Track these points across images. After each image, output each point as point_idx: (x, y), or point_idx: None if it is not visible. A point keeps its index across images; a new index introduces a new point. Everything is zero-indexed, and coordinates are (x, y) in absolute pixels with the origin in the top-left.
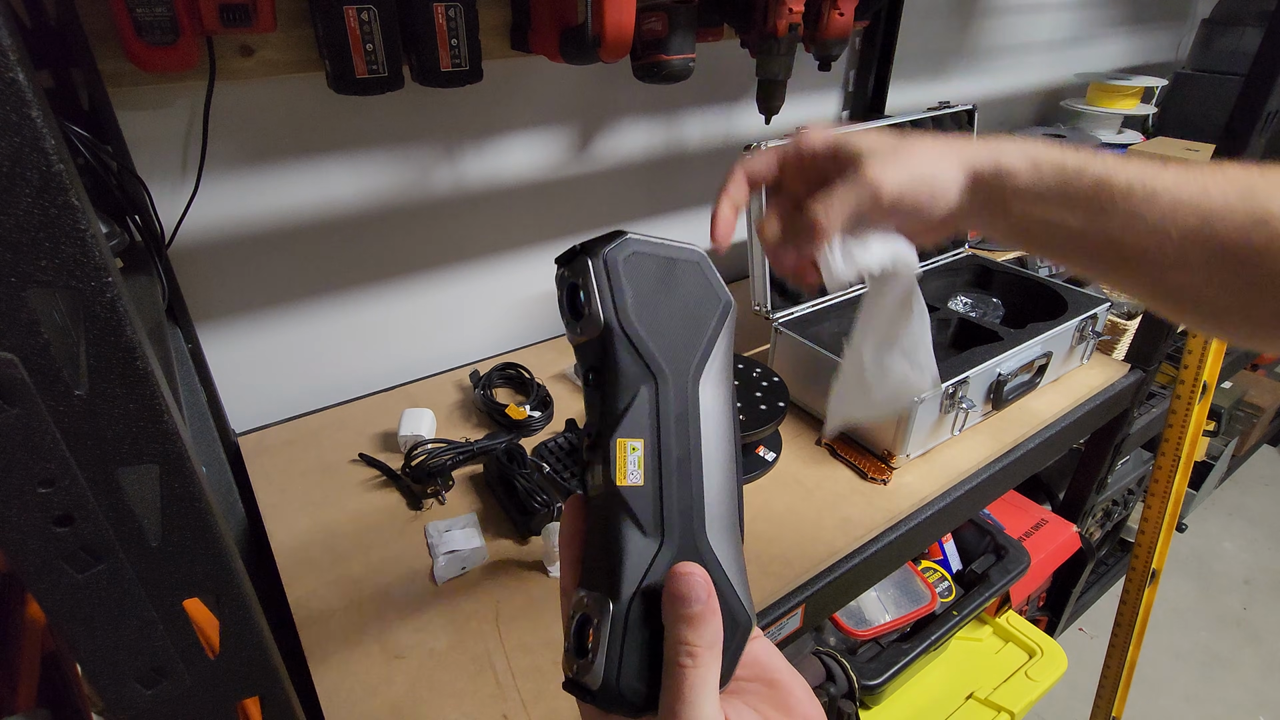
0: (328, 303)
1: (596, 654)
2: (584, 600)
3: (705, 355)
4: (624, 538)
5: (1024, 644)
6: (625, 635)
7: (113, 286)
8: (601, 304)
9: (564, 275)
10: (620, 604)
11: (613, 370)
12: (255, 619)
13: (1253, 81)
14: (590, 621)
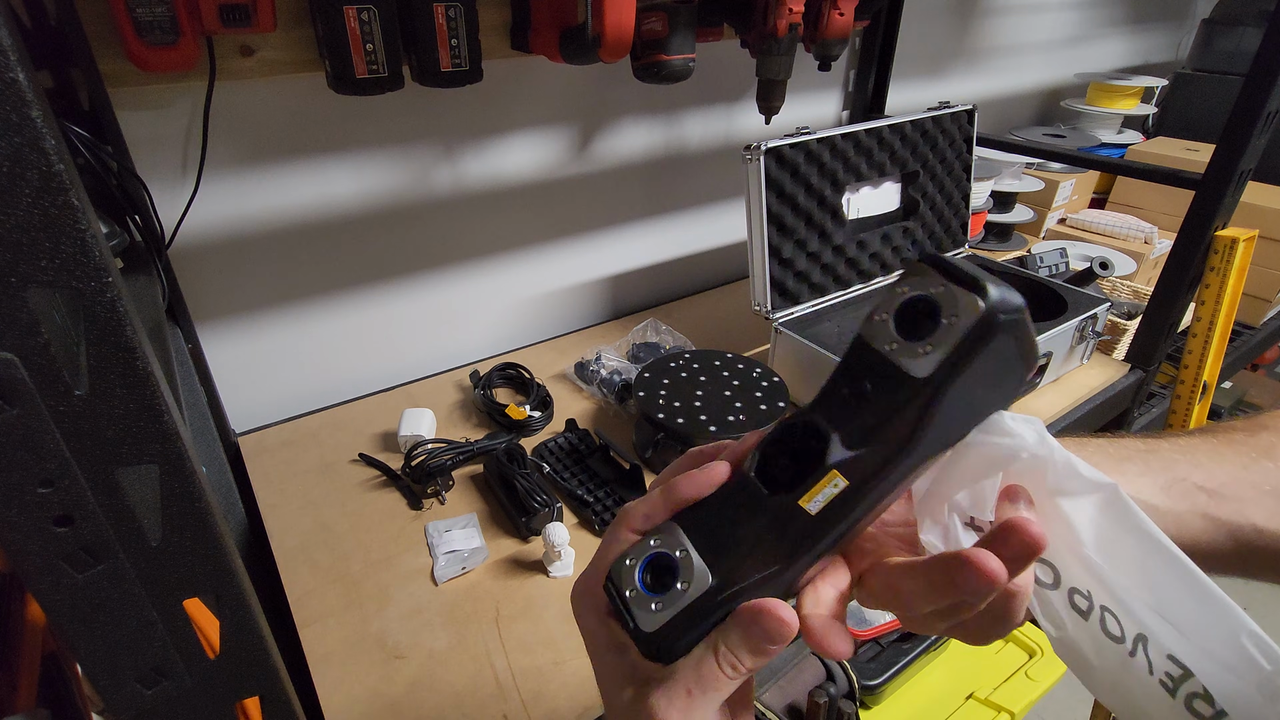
0: (328, 303)
1: (666, 606)
2: (686, 553)
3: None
4: (763, 544)
5: (1024, 644)
6: (694, 610)
7: (113, 286)
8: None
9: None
10: (714, 588)
11: (930, 418)
12: (255, 619)
13: (1253, 81)
14: (675, 573)
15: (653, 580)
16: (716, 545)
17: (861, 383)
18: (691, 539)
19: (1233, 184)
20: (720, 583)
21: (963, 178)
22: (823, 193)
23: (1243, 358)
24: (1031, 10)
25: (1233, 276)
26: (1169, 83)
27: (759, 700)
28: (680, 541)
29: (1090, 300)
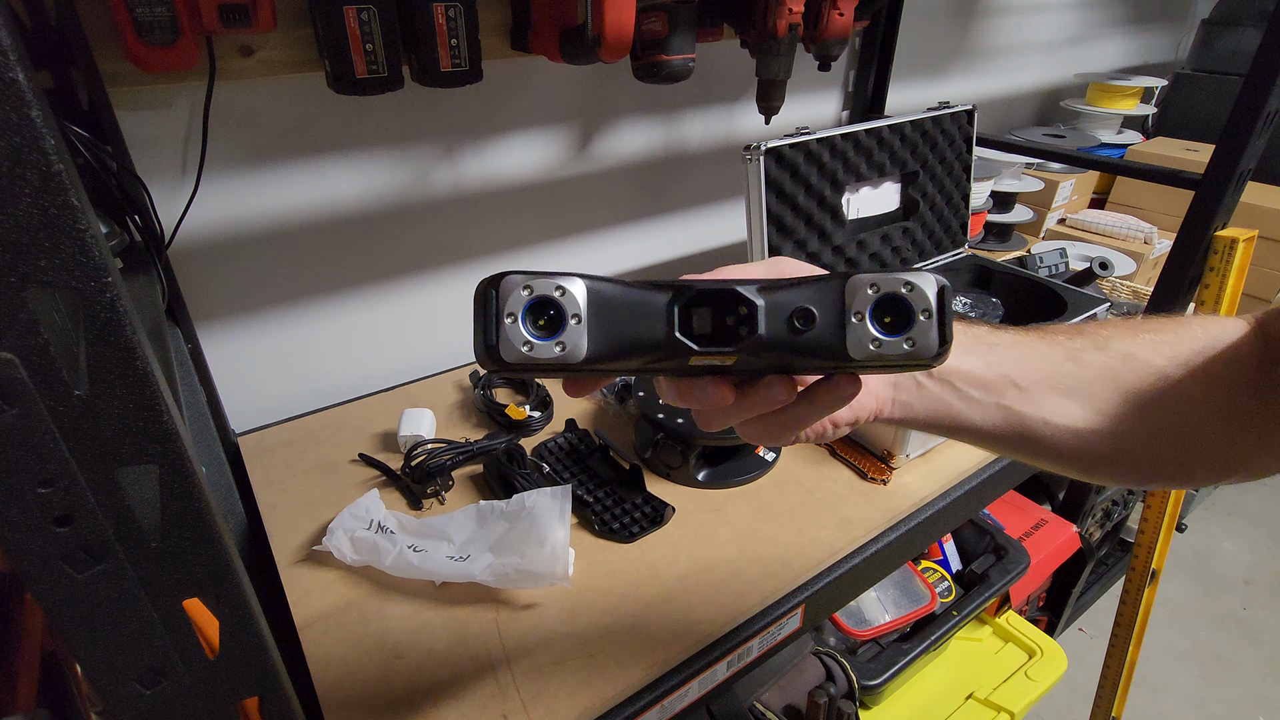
0: (328, 303)
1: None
2: (579, 320)
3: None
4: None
5: (1024, 644)
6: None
7: (112, 286)
8: (559, 278)
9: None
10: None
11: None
12: (255, 619)
13: (1253, 81)
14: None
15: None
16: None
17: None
18: (590, 311)
19: (1232, 184)
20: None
21: (962, 178)
22: (822, 193)
23: None
24: (1031, 10)
25: (1232, 276)
26: (1169, 83)
27: (759, 700)
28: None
29: (1090, 300)
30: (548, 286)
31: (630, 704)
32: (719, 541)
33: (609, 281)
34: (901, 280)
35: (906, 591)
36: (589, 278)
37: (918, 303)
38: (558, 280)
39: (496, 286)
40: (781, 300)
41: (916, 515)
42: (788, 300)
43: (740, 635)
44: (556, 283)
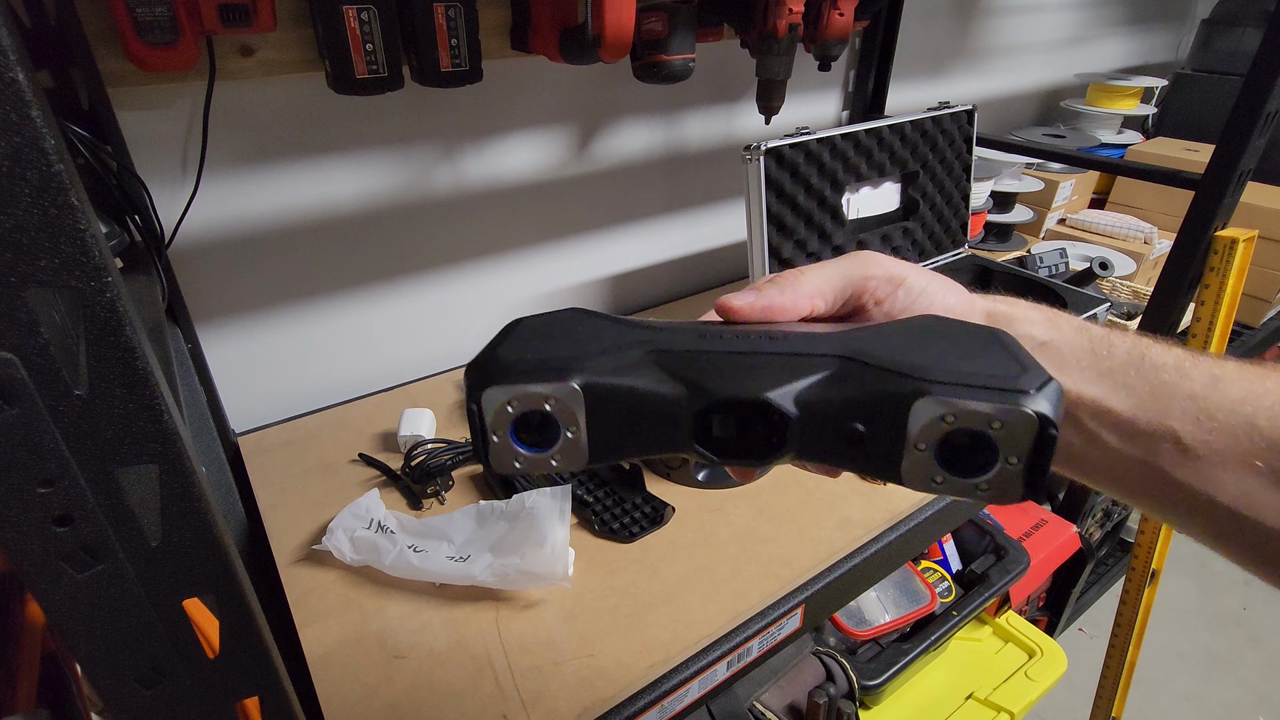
0: (328, 303)
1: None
2: (921, 444)
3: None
4: (843, 400)
5: (1024, 644)
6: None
7: (112, 286)
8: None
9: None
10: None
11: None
12: (255, 619)
13: (1253, 81)
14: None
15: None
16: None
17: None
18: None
19: (1232, 184)
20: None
21: (962, 178)
22: (822, 193)
23: (1242, 358)
24: (1031, 10)
25: (1232, 277)
26: (1169, 83)
27: (759, 700)
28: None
29: (1090, 300)
30: (535, 399)
31: (630, 704)
32: (719, 541)
33: (615, 373)
34: (989, 414)
35: (906, 591)
36: (589, 371)
37: (1006, 446)
38: (549, 389)
39: (479, 399)
40: (823, 412)
41: (916, 515)
42: (832, 413)
43: (740, 635)
44: (546, 392)
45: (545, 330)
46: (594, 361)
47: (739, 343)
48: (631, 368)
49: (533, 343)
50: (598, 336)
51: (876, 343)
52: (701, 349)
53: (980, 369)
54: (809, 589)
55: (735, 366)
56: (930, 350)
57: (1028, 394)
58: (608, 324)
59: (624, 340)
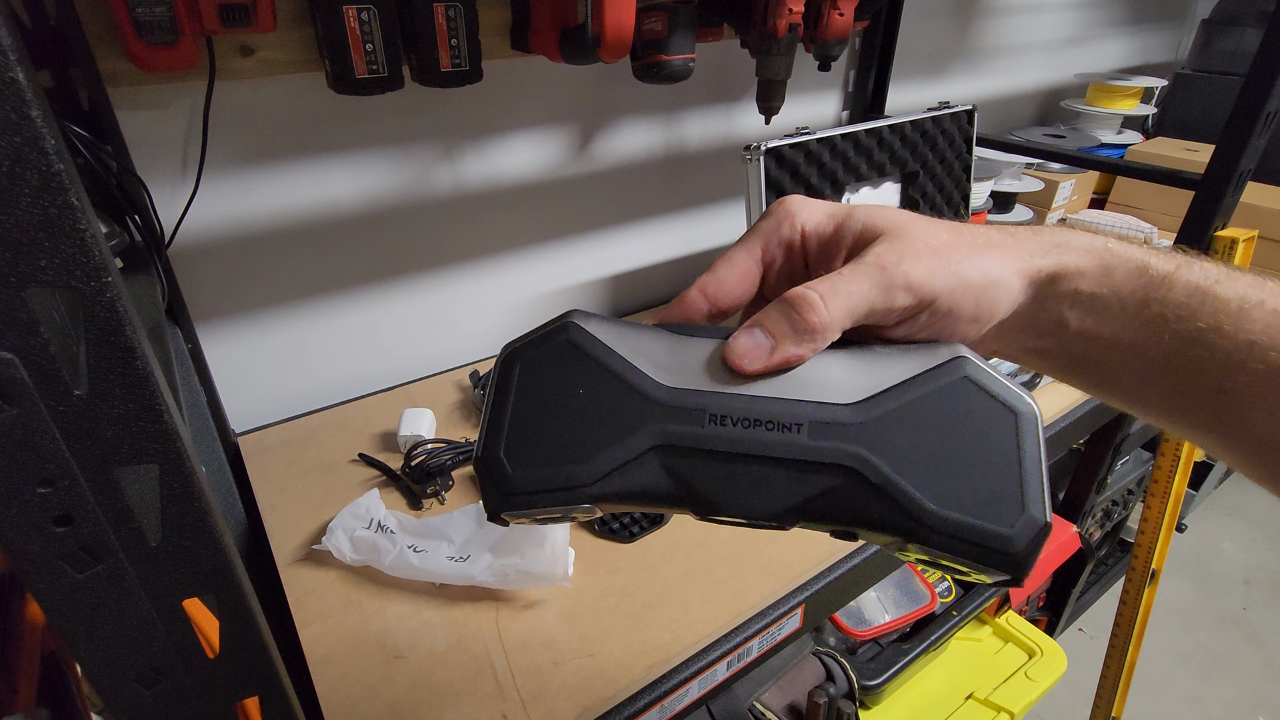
0: (327, 303)
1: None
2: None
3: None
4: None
5: (1024, 644)
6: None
7: (113, 286)
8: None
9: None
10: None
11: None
12: (255, 619)
13: (1253, 81)
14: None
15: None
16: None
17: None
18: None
19: (1232, 184)
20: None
21: (963, 178)
22: (822, 193)
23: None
24: (1031, 10)
25: None
26: (1169, 83)
27: (759, 700)
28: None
29: None
30: (551, 515)
31: (630, 704)
32: (719, 541)
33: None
34: (965, 569)
35: (906, 591)
36: (598, 485)
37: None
38: (562, 510)
39: (498, 515)
40: (824, 514)
41: None
42: (832, 516)
43: (740, 635)
44: (561, 512)
45: (544, 396)
46: (601, 467)
47: (748, 436)
48: (638, 469)
49: (535, 431)
50: (601, 412)
51: (888, 447)
52: (707, 447)
53: (977, 511)
54: (809, 589)
55: (742, 478)
56: (941, 471)
57: (1005, 555)
58: (606, 380)
59: (629, 421)
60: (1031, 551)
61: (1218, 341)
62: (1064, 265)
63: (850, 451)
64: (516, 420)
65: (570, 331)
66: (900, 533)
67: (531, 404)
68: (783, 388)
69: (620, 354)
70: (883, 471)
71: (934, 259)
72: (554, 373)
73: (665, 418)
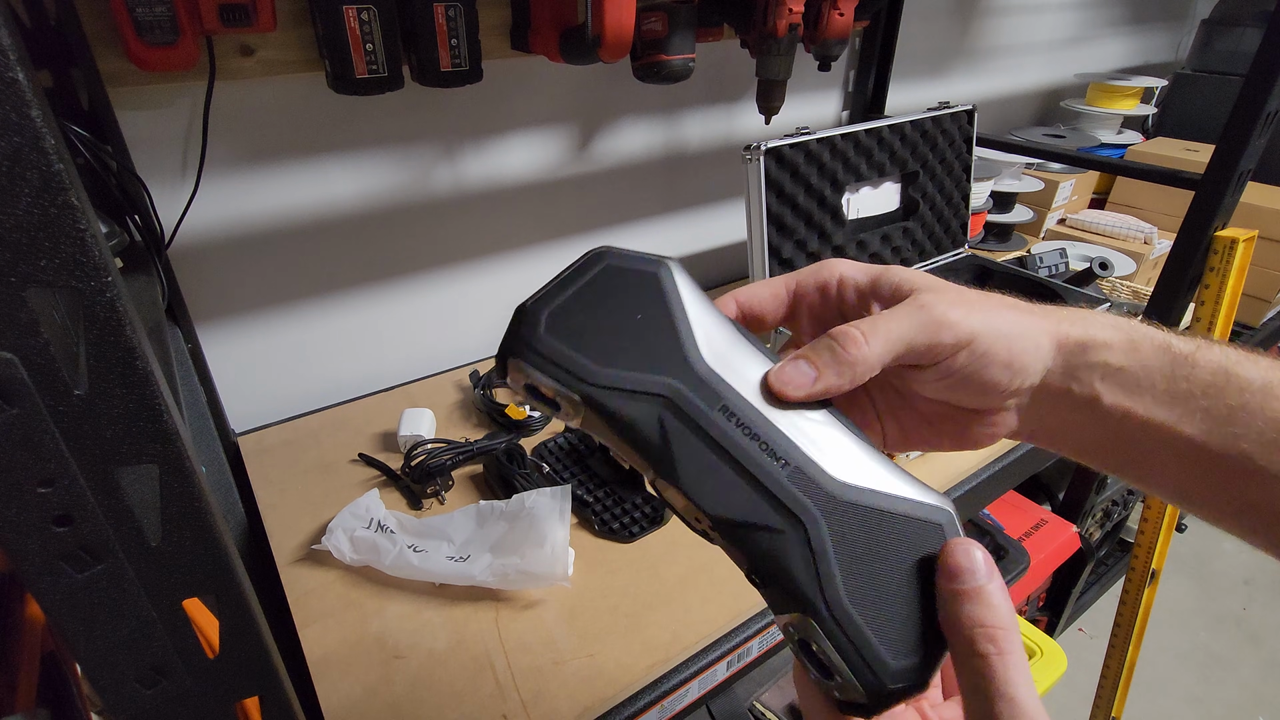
0: (328, 303)
1: (839, 671)
2: (789, 627)
3: (686, 332)
4: (768, 550)
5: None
6: (849, 633)
7: (113, 286)
8: (563, 384)
9: (513, 386)
10: (821, 612)
11: (625, 426)
12: (255, 619)
13: (1253, 81)
14: (809, 645)
15: (821, 667)
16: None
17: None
18: (776, 611)
19: (1232, 184)
20: (818, 607)
21: (963, 178)
22: (822, 193)
23: None
24: (1031, 10)
25: (1232, 277)
26: (1169, 83)
27: (759, 700)
28: (781, 620)
29: (1090, 300)
30: (544, 387)
31: (630, 704)
32: None
33: (618, 405)
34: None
35: None
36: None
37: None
38: (555, 387)
39: (504, 362)
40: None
41: None
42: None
43: (740, 635)
44: (553, 389)
45: (607, 301)
46: (613, 379)
47: (743, 444)
48: (638, 404)
49: (579, 317)
50: (642, 342)
51: (841, 530)
52: (704, 427)
53: (880, 628)
54: None
55: (713, 470)
56: (869, 575)
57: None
58: (664, 324)
59: (659, 365)
60: (897, 695)
61: (1249, 420)
62: (1092, 335)
63: (811, 511)
64: (573, 300)
65: (662, 270)
66: (803, 603)
67: (593, 297)
68: (799, 428)
69: (688, 314)
70: (825, 544)
71: (969, 306)
72: (627, 289)
73: (688, 383)
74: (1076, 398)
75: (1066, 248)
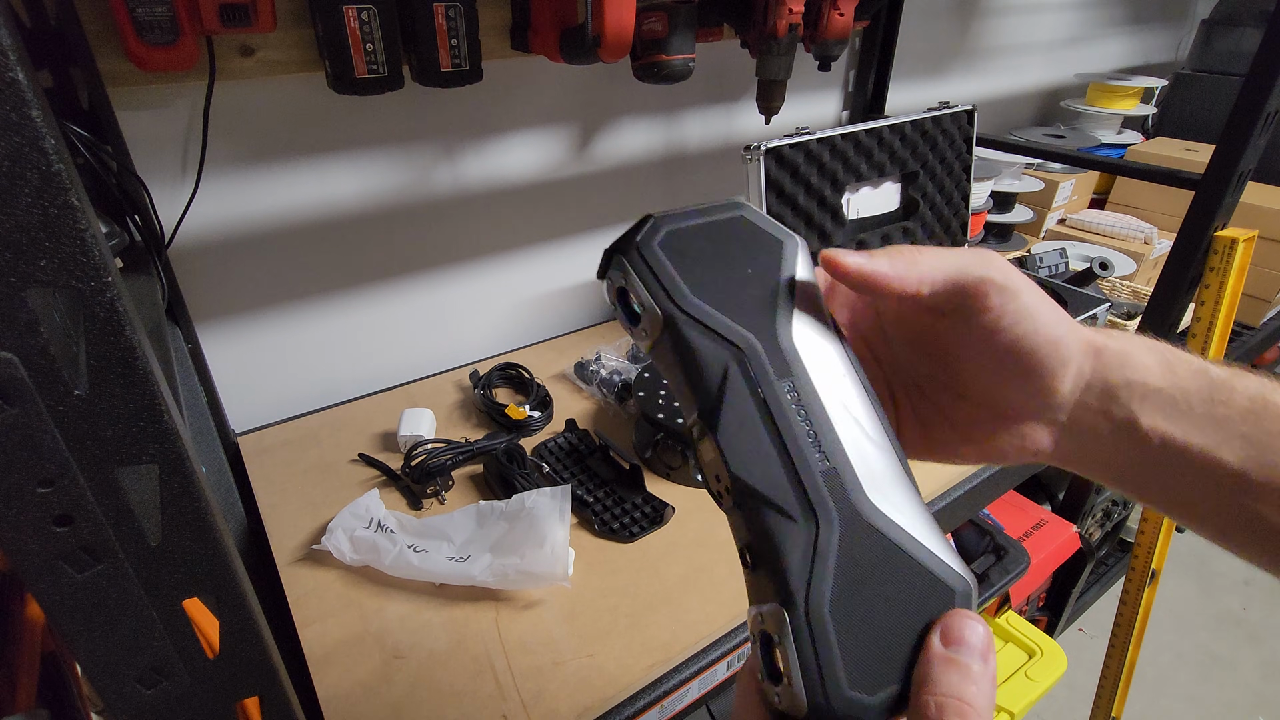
0: (328, 303)
1: (791, 676)
2: (758, 617)
3: (787, 304)
4: (773, 532)
5: (1024, 644)
6: (817, 642)
7: (112, 286)
8: (653, 297)
9: (609, 284)
10: (798, 609)
11: (691, 359)
12: (255, 619)
13: (1253, 81)
14: (772, 640)
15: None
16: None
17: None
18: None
19: (1232, 184)
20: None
21: (962, 178)
22: (822, 193)
23: (1242, 358)
24: (1031, 10)
25: (1232, 277)
26: (1169, 83)
27: None
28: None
29: (1090, 300)
30: (634, 293)
31: (630, 704)
32: (719, 541)
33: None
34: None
35: None
36: (679, 319)
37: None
38: (644, 297)
39: (609, 259)
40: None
41: None
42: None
43: (740, 635)
44: (641, 298)
45: (729, 245)
46: (701, 314)
47: (793, 424)
48: (712, 345)
49: (696, 248)
50: (740, 293)
51: (852, 545)
52: (763, 395)
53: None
54: None
55: (755, 436)
56: (865, 601)
57: (829, 699)
58: (770, 288)
59: (749, 323)
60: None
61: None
62: (1128, 351)
63: (831, 514)
64: (697, 231)
65: (789, 242)
66: (785, 595)
67: (717, 236)
68: (851, 441)
69: (796, 288)
70: (830, 550)
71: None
72: (751, 244)
73: (768, 346)
74: (1115, 419)
75: (1066, 248)
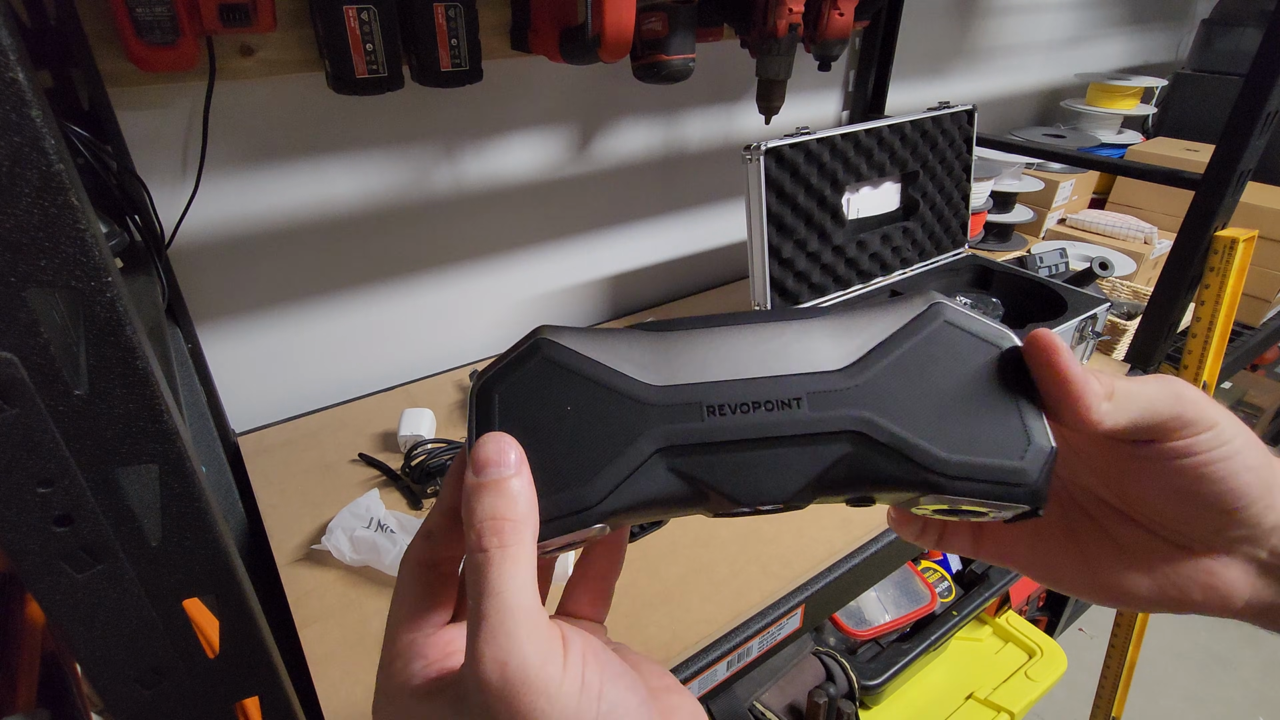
0: (327, 303)
1: (992, 508)
2: (920, 507)
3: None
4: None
5: (1024, 644)
6: (975, 478)
7: (112, 286)
8: (577, 533)
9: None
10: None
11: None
12: (255, 619)
13: (1253, 81)
14: (954, 509)
15: None
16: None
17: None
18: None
19: (1232, 184)
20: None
21: (963, 178)
22: (822, 193)
23: (1242, 358)
24: (1031, 10)
25: (1232, 277)
26: (1169, 83)
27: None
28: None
29: (1090, 300)
30: (564, 544)
31: None
32: (719, 542)
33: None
34: (983, 510)
35: (906, 591)
36: (606, 505)
37: (996, 513)
38: (575, 538)
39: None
40: (840, 484)
41: None
42: (847, 484)
43: (740, 635)
44: (574, 540)
45: (534, 426)
46: (607, 484)
47: (750, 421)
48: (645, 478)
49: (531, 462)
50: (594, 427)
51: (888, 404)
52: (713, 439)
53: (986, 451)
54: (809, 589)
55: (753, 465)
56: (942, 418)
57: (1021, 487)
58: (593, 392)
59: (626, 429)
60: (1046, 479)
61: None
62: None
63: (854, 415)
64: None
65: (544, 349)
66: (917, 487)
67: (519, 434)
68: (772, 364)
69: (601, 362)
70: (889, 429)
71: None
72: (536, 396)
73: (662, 418)
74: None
75: (1066, 248)
